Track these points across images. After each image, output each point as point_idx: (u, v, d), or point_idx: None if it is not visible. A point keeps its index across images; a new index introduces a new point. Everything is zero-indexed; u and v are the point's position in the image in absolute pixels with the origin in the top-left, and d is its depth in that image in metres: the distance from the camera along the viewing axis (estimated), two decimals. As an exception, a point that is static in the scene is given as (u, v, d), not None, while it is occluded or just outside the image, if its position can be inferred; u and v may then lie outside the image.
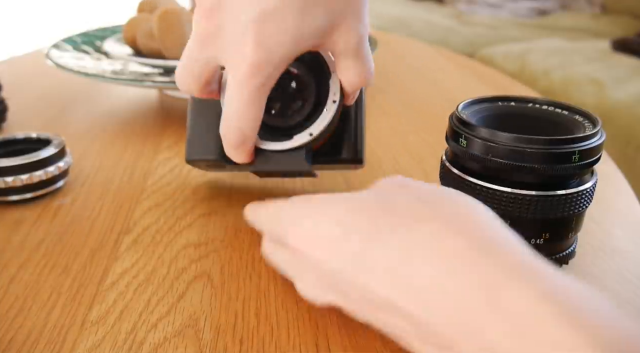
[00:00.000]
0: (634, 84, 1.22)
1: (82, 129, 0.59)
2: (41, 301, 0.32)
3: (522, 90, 0.74)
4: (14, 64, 0.90)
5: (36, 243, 0.37)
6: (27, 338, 0.29)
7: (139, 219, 0.40)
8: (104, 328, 0.29)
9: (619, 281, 0.33)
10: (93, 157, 0.51)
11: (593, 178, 0.32)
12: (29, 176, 0.41)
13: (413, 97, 0.69)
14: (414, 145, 0.54)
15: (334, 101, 0.35)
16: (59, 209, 0.42)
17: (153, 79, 0.61)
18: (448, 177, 0.34)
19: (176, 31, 0.59)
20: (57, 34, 0.80)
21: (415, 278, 0.23)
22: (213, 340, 0.28)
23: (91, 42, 0.76)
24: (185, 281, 0.33)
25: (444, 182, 0.34)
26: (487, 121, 0.33)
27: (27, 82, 0.78)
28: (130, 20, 0.68)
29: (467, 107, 0.34)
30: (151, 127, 0.59)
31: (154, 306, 0.31)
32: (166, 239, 0.38)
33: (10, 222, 0.40)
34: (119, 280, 0.33)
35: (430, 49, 1.02)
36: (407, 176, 0.30)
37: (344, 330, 0.29)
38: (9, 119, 0.61)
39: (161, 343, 0.28)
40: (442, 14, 2.08)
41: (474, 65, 0.89)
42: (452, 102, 0.34)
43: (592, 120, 0.31)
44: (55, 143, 0.44)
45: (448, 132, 0.33)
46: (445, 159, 0.34)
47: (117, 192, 0.44)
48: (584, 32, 1.84)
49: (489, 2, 2.22)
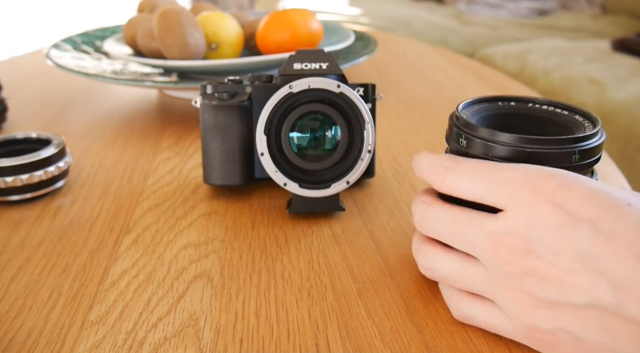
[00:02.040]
0: (634, 84, 1.22)
1: (82, 129, 0.59)
2: (41, 301, 0.32)
3: (522, 90, 0.74)
4: (14, 64, 0.90)
5: (36, 243, 0.37)
6: (27, 338, 0.29)
7: (139, 219, 0.40)
8: (104, 328, 0.29)
9: (619, 281, 0.33)
10: (93, 157, 0.51)
11: (593, 178, 0.32)
12: (29, 176, 0.41)
13: (413, 97, 0.69)
14: (414, 145, 0.54)
15: (369, 151, 0.38)
16: (59, 209, 0.42)
17: (153, 79, 0.61)
18: None
19: (176, 31, 0.59)
20: (57, 34, 0.79)
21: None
22: (213, 340, 0.28)
23: (91, 42, 0.76)
24: (185, 281, 0.33)
25: None
26: (487, 121, 0.33)
27: (27, 82, 0.78)
28: (130, 20, 0.68)
29: (467, 107, 0.34)
30: (151, 127, 0.59)
31: (154, 306, 0.31)
32: (166, 239, 0.38)
33: (10, 222, 0.40)
34: (119, 280, 0.33)
35: (430, 49, 1.02)
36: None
37: (344, 330, 0.29)
38: (9, 119, 0.61)
39: (161, 343, 0.28)
40: (442, 14, 2.08)
41: (474, 65, 0.89)
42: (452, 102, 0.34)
43: (592, 120, 0.31)
44: (55, 143, 0.44)
45: (448, 132, 0.33)
46: None
47: (117, 192, 0.44)
48: (584, 32, 1.84)
49: (489, 2, 2.22)
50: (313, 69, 0.39)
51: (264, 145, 0.37)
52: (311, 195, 0.38)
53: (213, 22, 0.63)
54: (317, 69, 0.39)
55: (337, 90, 0.37)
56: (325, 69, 0.39)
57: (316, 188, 0.38)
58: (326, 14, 1.94)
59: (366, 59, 0.66)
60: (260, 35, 0.66)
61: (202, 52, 0.61)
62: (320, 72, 0.39)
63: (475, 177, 0.28)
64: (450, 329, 0.29)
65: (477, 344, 0.28)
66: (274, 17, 0.65)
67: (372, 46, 0.71)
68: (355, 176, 0.38)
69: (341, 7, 2.12)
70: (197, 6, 0.73)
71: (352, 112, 0.38)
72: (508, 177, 0.27)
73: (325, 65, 0.39)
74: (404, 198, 0.43)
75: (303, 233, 0.38)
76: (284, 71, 0.39)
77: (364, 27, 1.52)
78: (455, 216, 0.28)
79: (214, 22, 0.63)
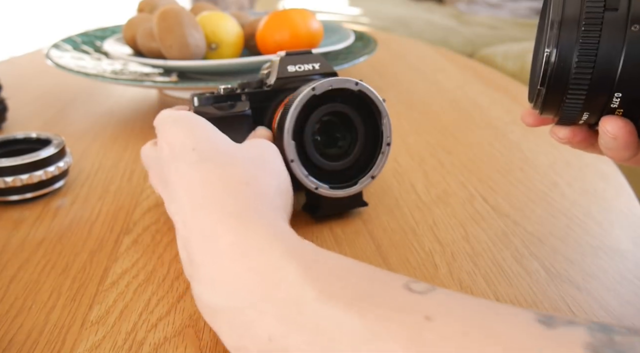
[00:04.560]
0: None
1: (82, 129, 0.59)
2: (41, 301, 0.32)
3: (522, 90, 0.74)
4: (14, 64, 0.90)
5: (36, 243, 0.37)
6: (27, 338, 0.29)
7: (139, 219, 0.40)
8: (104, 328, 0.29)
9: (619, 281, 0.33)
10: (93, 157, 0.51)
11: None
12: (29, 176, 0.41)
13: (413, 97, 0.69)
14: (414, 145, 0.54)
15: (388, 144, 0.38)
16: (59, 209, 0.42)
17: (153, 79, 0.61)
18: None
19: (176, 31, 0.59)
20: (57, 34, 0.80)
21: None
22: (213, 340, 0.28)
23: (91, 42, 0.76)
24: (185, 281, 0.33)
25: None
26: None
27: (27, 82, 0.78)
28: (130, 20, 0.68)
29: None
30: (151, 127, 0.59)
31: (154, 306, 0.31)
32: (166, 239, 0.38)
33: (10, 222, 0.40)
34: (119, 280, 0.33)
35: (430, 49, 1.02)
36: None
37: (344, 330, 0.29)
38: (9, 119, 0.61)
39: (161, 343, 0.28)
40: (442, 14, 2.08)
41: (474, 65, 0.89)
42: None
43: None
44: (55, 143, 0.44)
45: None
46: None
47: (117, 192, 0.44)
48: (584, 32, 1.83)
49: (489, 2, 2.22)
50: (307, 70, 0.39)
51: (293, 152, 0.36)
52: (341, 194, 0.38)
53: (213, 22, 0.63)
54: (311, 69, 0.39)
55: (356, 88, 0.37)
56: (318, 69, 0.40)
57: (344, 188, 0.38)
58: (326, 14, 1.94)
59: (366, 59, 0.66)
60: (260, 35, 0.66)
61: (202, 52, 0.61)
62: (315, 73, 0.40)
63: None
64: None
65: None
66: (274, 17, 0.65)
67: (372, 46, 0.71)
68: (379, 170, 0.38)
69: (341, 7, 2.12)
70: (197, 6, 0.73)
71: (368, 108, 0.38)
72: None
73: (318, 65, 0.40)
74: (404, 198, 0.43)
75: (303, 234, 0.38)
76: (281, 75, 0.39)
77: (364, 27, 1.52)
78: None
79: (213, 22, 0.63)
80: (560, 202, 0.43)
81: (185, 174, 0.30)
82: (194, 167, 0.30)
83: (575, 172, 0.48)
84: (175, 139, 0.32)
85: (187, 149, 0.31)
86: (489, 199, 0.43)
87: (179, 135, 0.32)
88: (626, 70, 0.24)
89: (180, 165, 0.31)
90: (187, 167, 0.30)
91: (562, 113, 0.27)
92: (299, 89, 0.37)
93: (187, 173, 0.30)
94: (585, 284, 0.33)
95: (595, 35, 0.24)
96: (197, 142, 0.32)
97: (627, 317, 0.30)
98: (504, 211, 0.41)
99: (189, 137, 0.32)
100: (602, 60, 0.25)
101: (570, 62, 0.25)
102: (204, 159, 0.30)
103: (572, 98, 0.26)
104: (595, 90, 0.25)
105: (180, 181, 0.30)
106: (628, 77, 0.24)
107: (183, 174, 0.30)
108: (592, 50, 0.24)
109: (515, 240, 0.38)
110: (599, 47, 0.24)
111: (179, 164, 0.31)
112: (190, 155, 0.31)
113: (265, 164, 0.33)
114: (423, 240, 0.37)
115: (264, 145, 0.35)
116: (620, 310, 0.31)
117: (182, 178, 0.30)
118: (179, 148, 0.31)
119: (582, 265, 0.35)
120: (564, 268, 0.34)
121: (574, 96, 0.26)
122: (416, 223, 0.40)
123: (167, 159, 0.32)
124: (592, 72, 0.25)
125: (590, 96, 0.25)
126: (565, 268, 0.34)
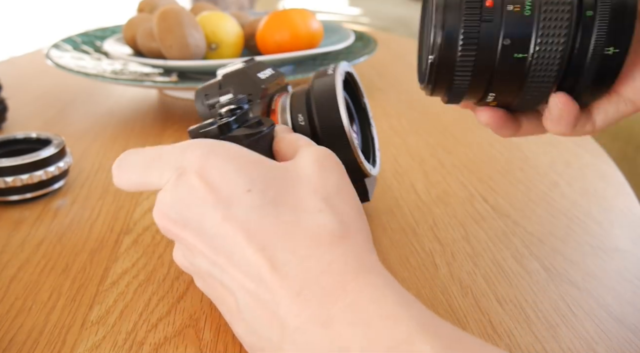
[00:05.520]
0: (634, 83, 1.22)
1: (82, 129, 0.59)
2: (41, 301, 0.32)
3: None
4: (14, 64, 0.90)
5: (36, 244, 0.37)
6: (27, 338, 0.29)
7: (139, 219, 0.40)
8: (104, 328, 0.29)
9: (619, 281, 0.33)
10: (93, 157, 0.51)
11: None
12: (29, 176, 0.41)
13: (413, 97, 0.69)
14: (414, 145, 0.54)
15: (378, 149, 0.39)
16: (59, 209, 0.42)
17: (153, 79, 0.61)
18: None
19: (176, 31, 0.59)
20: (57, 34, 0.80)
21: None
22: (213, 340, 0.28)
23: (91, 42, 0.76)
24: (185, 281, 0.33)
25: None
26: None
27: (27, 82, 0.78)
28: (130, 20, 0.68)
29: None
30: (151, 127, 0.59)
31: (154, 306, 0.31)
32: (166, 239, 0.38)
33: (10, 222, 0.40)
34: (119, 280, 0.33)
35: (430, 49, 1.02)
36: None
37: (344, 330, 0.29)
38: (9, 119, 0.60)
39: (161, 343, 0.28)
40: (442, 14, 2.08)
41: (474, 65, 0.89)
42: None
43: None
44: (55, 143, 0.44)
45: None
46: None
47: (117, 192, 0.44)
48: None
49: (489, 2, 2.22)
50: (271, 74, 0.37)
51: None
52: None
53: (213, 22, 0.63)
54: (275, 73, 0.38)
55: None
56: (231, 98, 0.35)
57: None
58: (326, 14, 1.94)
59: (366, 59, 0.66)
60: (260, 35, 0.66)
61: (202, 52, 0.61)
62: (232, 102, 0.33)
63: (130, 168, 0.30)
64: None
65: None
66: (274, 17, 0.65)
67: (372, 46, 0.71)
68: (377, 172, 0.38)
69: (341, 7, 2.12)
70: (197, 6, 0.73)
71: (366, 119, 0.39)
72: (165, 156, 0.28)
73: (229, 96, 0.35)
74: (404, 198, 0.43)
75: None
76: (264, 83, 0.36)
77: (364, 27, 1.52)
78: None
79: (213, 22, 0.63)
80: (560, 202, 0.43)
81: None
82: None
83: (575, 172, 0.48)
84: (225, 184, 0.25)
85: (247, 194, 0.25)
86: (489, 199, 0.43)
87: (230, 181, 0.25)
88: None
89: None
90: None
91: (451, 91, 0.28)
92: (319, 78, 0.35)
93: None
94: (585, 284, 0.33)
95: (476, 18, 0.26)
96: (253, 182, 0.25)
97: (627, 317, 0.30)
98: (504, 211, 0.41)
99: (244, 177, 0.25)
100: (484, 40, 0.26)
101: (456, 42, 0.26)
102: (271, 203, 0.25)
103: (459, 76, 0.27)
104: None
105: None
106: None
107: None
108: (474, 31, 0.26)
109: (515, 240, 0.38)
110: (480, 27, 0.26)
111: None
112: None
113: (340, 189, 0.27)
114: (423, 240, 0.37)
115: (329, 165, 0.28)
116: (620, 310, 0.31)
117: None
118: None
119: (582, 265, 0.35)
120: (564, 268, 0.34)
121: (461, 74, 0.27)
122: (416, 223, 0.40)
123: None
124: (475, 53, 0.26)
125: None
126: (565, 268, 0.34)
